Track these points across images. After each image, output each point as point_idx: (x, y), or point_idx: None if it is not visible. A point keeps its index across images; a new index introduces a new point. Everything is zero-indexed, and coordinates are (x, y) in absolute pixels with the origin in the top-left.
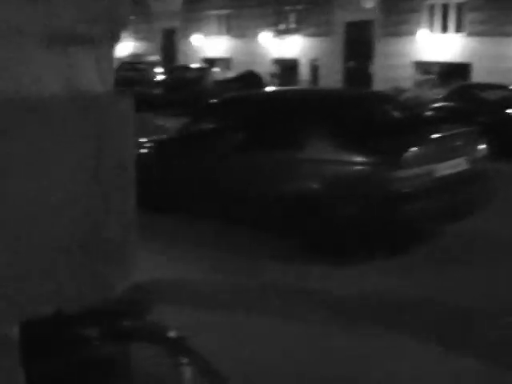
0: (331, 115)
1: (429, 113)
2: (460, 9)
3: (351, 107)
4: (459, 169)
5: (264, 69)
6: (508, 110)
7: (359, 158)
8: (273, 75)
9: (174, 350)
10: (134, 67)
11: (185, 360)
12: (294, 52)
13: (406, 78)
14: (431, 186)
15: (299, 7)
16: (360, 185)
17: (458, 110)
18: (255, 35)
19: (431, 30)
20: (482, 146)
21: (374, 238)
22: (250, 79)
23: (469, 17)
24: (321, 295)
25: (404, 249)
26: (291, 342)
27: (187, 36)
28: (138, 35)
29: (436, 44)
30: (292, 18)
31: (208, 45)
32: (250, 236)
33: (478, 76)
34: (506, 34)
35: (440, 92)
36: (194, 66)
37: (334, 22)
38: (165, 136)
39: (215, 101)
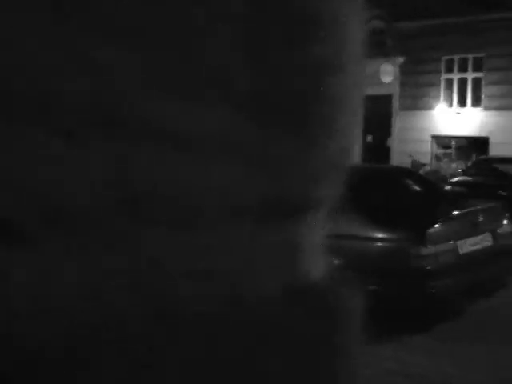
0: (353, 190)
1: (450, 187)
2: (477, 83)
3: (373, 182)
4: (484, 245)
5: None
6: None
7: (382, 234)
8: None
9: None
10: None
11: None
12: None
13: (424, 152)
14: (455, 262)
15: None
16: (384, 261)
17: (479, 185)
18: None
19: (449, 105)
20: (506, 221)
21: (399, 315)
22: None
23: (485, 91)
24: None
25: (428, 326)
26: None
27: None
28: None
29: (454, 118)
30: None
31: None
32: None
33: (495, 150)
34: None
35: (459, 166)
36: None
37: None
38: None
39: None
